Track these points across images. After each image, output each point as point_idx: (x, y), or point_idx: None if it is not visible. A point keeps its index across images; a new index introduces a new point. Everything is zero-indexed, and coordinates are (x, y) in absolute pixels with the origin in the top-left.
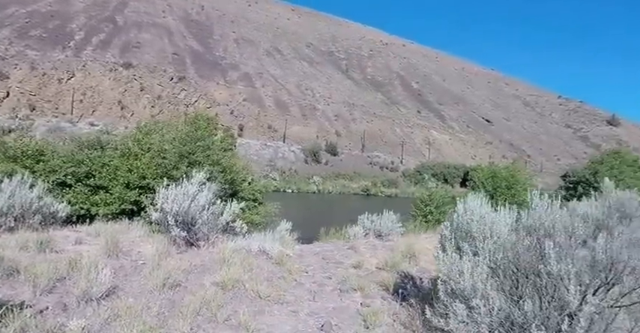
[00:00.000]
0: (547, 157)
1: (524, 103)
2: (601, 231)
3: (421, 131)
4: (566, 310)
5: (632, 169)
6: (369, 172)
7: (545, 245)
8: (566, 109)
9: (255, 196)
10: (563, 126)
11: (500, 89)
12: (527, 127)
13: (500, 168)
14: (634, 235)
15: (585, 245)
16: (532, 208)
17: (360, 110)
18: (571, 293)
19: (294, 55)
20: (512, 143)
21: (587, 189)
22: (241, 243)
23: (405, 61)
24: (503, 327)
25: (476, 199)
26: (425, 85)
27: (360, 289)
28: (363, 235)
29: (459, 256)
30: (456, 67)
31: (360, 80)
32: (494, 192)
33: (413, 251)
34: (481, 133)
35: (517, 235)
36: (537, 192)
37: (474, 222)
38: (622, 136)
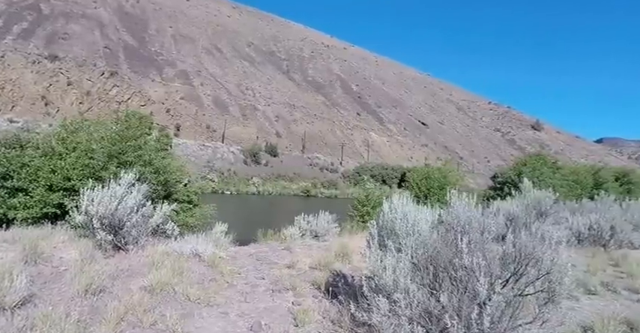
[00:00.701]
0: (478, 158)
1: (457, 107)
2: (518, 227)
3: (360, 133)
4: (477, 300)
5: (551, 171)
6: (310, 174)
7: (459, 241)
8: (495, 113)
9: (190, 197)
10: (493, 130)
11: (435, 94)
12: (460, 130)
13: (434, 169)
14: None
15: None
16: (450, 206)
17: (300, 111)
18: (481, 284)
19: (235, 53)
20: (446, 145)
21: (513, 189)
22: (173, 246)
23: (346, 63)
24: (422, 319)
25: (400, 198)
26: (364, 88)
27: (293, 288)
28: (300, 236)
29: (384, 253)
30: (395, 72)
31: (301, 81)
32: (427, 192)
33: (346, 250)
34: (417, 136)
35: (438, 231)
36: (456, 191)
37: (397, 220)
38: (544, 140)
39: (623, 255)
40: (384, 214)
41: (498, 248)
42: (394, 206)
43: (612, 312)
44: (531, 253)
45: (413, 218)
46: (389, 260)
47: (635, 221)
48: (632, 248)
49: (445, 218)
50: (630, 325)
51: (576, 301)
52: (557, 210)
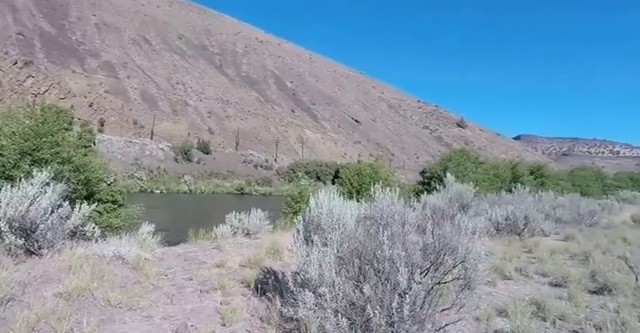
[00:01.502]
0: (408, 155)
1: (389, 105)
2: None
3: (295, 130)
4: (397, 290)
5: (474, 166)
6: (244, 171)
7: (380, 233)
8: (424, 112)
9: (115, 197)
10: (422, 127)
11: (368, 92)
12: (391, 127)
13: (366, 166)
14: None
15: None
16: (375, 200)
17: (234, 107)
18: (401, 275)
19: (164, 46)
20: (378, 142)
21: (439, 183)
22: (94, 249)
23: (280, 60)
24: (347, 311)
25: (327, 193)
26: (299, 85)
27: (222, 287)
28: (232, 235)
29: (310, 248)
30: (329, 69)
31: (234, 77)
32: (359, 188)
33: (277, 247)
34: (351, 133)
35: (363, 225)
36: (379, 186)
37: (323, 215)
38: (469, 137)
39: (536, 242)
40: (311, 209)
41: (419, 239)
42: (320, 202)
43: (523, 294)
44: (448, 243)
45: (338, 213)
46: (315, 255)
47: (546, 211)
48: (544, 236)
49: (369, 212)
50: (538, 305)
51: (493, 286)
52: (478, 202)
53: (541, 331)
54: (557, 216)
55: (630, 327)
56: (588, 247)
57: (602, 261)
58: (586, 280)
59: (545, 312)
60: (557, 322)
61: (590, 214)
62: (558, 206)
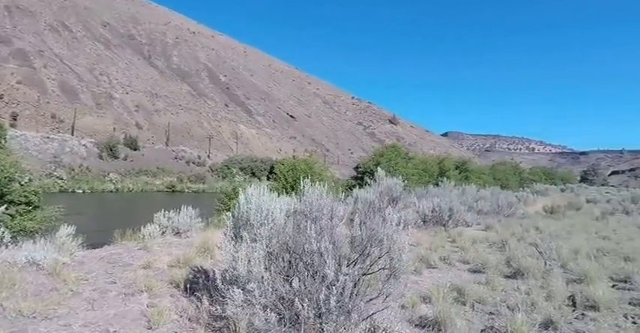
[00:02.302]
0: (343, 150)
1: (323, 101)
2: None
3: (229, 125)
4: (325, 282)
5: (404, 161)
6: (175, 168)
7: (308, 227)
8: (358, 108)
9: (29, 198)
10: (356, 123)
11: (303, 87)
12: (326, 123)
13: (300, 161)
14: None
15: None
16: (304, 195)
17: (164, 101)
18: (329, 267)
19: (86, 33)
20: (313, 138)
21: (371, 178)
22: (3, 255)
23: (213, 52)
24: (276, 305)
25: (256, 189)
26: (233, 78)
27: (148, 289)
28: (160, 234)
29: (239, 244)
30: (264, 64)
31: (164, 69)
32: (294, 183)
33: (208, 245)
34: (286, 128)
35: (293, 220)
36: (308, 181)
37: (252, 211)
38: (400, 133)
39: (459, 232)
40: (240, 205)
41: (348, 232)
42: (249, 197)
43: (446, 281)
44: (375, 235)
45: (267, 208)
46: (243, 251)
47: (469, 203)
48: (466, 226)
49: (299, 207)
50: (459, 291)
51: (419, 274)
52: (407, 195)
53: (461, 314)
54: (479, 208)
55: (538, 307)
56: (505, 235)
57: (517, 248)
58: (502, 265)
59: (466, 297)
60: (475, 305)
61: (508, 206)
62: (480, 199)
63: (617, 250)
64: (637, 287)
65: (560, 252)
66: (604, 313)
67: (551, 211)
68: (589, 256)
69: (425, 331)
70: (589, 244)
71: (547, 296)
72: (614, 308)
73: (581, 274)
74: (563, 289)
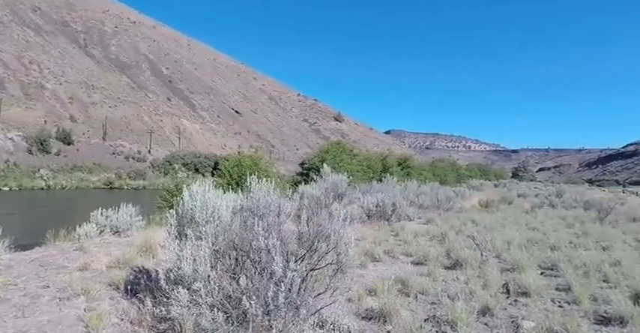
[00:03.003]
0: (288, 147)
1: (269, 97)
2: (312, 207)
3: (171, 119)
4: (273, 278)
5: (349, 157)
6: (113, 163)
7: (255, 224)
8: (304, 105)
9: None
10: (302, 120)
11: (248, 83)
12: (272, 119)
13: (245, 157)
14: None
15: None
16: (251, 191)
17: (101, 93)
18: (277, 263)
19: (14, 18)
20: (259, 134)
21: (316, 174)
22: None
23: (155, 44)
24: (223, 304)
25: (201, 185)
26: (176, 71)
27: (85, 292)
28: (98, 234)
29: (183, 243)
30: (208, 57)
31: (101, 59)
32: (239, 179)
33: (150, 244)
34: (231, 124)
35: (240, 217)
36: (255, 177)
37: (197, 208)
38: (345, 130)
39: (402, 226)
40: (184, 202)
41: (295, 228)
42: (194, 194)
43: (391, 274)
44: (322, 230)
45: (213, 205)
46: (188, 249)
47: (411, 198)
48: (409, 220)
49: (246, 203)
50: (403, 283)
51: (364, 268)
52: (352, 191)
53: (405, 305)
54: (420, 202)
55: (476, 295)
56: (445, 228)
57: (456, 240)
58: (442, 257)
59: (409, 288)
60: (418, 296)
61: (447, 200)
62: (421, 194)
63: (545, 240)
64: (562, 274)
65: (494, 243)
66: (534, 298)
67: (486, 205)
68: (520, 247)
69: (371, 323)
70: (520, 236)
71: (484, 285)
72: (543, 294)
73: (513, 263)
74: (498, 277)
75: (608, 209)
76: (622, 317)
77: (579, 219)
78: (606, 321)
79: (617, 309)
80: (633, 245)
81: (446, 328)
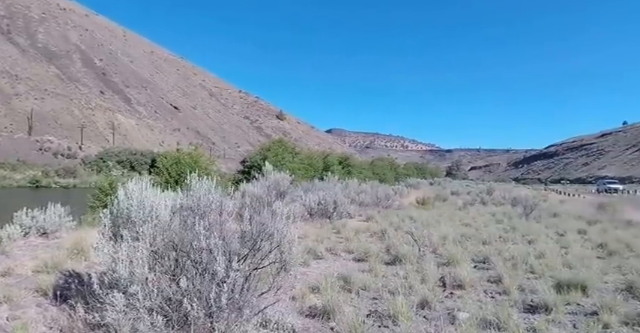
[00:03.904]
0: (229, 144)
1: (210, 93)
2: (255, 205)
3: (105, 114)
4: (216, 279)
5: (291, 155)
6: (40, 160)
7: (197, 223)
8: (245, 102)
9: None
10: (243, 117)
11: (188, 78)
12: (212, 116)
13: (185, 154)
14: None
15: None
16: (191, 190)
17: (26, 84)
18: (219, 263)
19: None
20: (199, 131)
21: (258, 172)
22: None
23: (88, 33)
24: (163, 307)
25: (138, 183)
26: (110, 63)
27: (8, 300)
28: (23, 236)
29: (119, 244)
30: (146, 50)
31: (27, 47)
32: (178, 177)
33: (82, 246)
34: (169, 120)
35: (179, 216)
36: (195, 175)
37: (133, 207)
38: (287, 129)
39: (343, 224)
40: (120, 201)
41: (238, 227)
42: (130, 193)
43: (333, 271)
44: (265, 229)
45: (151, 204)
46: (124, 251)
47: (352, 196)
48: (350, 218)
49: (186, 202)
50: (345, 280)
51: (307, 266)
52: (294, 189)
53: (348, 302)
54: (360, 200)
55: (415, 289)
56: (384, 225)
57: (395, 237)
58: (383, 253)
59: (351, 285)
60: (360, 292)
61: (386, 198)
62: (361, 192)
63: (477, 235)
64: (493, 267)
65: (431, 239)
66: (468, 290)
67: (423, 202)
68: (455, 242)
69: (315, 320)
70: (454, 231)
71: (422, 279)
72: (476, 286)
73: (449, 257)
74: (435, 272)
75: (533, 206)
76: (547, 305)
77: (507, 215)
78: (533, 309)
79: (542, 298)
80: (555, 238)
81: (387, 322)
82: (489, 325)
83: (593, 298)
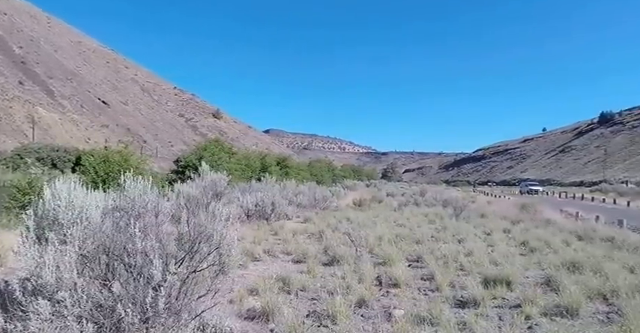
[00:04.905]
0: (162, 143)
1: (142, 88)
2: (192, 207)
3: (23, 106)
4: (152, 283)
5: (228, 155)
6: None
7: (132, 225)
8: (180, 99)
9: None
10: (177, 115)
11: (119, 71)
12: (144, 112)
13: (114, 152)
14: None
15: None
16: (125, 190)
17: None
18: (155, 267)
19: None
20: (129, 128)
21: (194, 172)
22: None
23: (6, 18)
24: (93, 314)
25: (66, 183)
26: (31, 52)
27: None
28: None
29: (44, 248)
30: (72, 39)
31: None
32: (106, 177)
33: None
34: (97, 115)
35: (111, 217)
36: (129, 174)
37: (61, 208)
38: (223, 128)
39: (281, 225)
40: (45, 202)
41: (174, 229)
42: (58, 193)
43: (272, 273)
44: (203, 231)
45: (81, 205)
46: (50, 255)
47: (289, 197)
48: (287, 219)
49: (119, 203)
50: (284, 281)
51: (245, 268)
52: (231, 190)
53: (287, 303)
54: (298, 201)
55: (352, 288)
56: (322, 226)
57: (332, 238)
58: (321, 254)
59: (290, 286)
60: (299, 293)
61: (323, 199)
62: (299, 193)
63: (411, 235)
64: (426, 265)
65: (368, 239)
66: (403, 289)
67: (359, 203)
68: (390, 242)
69: (254, 323)
70: (390, 232)
71: (359, 279)
72: (410, 284)
73: (384, 257)
74: (371, 271)
75: (462, 207)
76: (475, 300)
77: (439, 215)
78: (463, 304)
79: (471, 293)
80: (482, 237)
81: (327, 321)
82: (423, 321)
83: (517, 292)
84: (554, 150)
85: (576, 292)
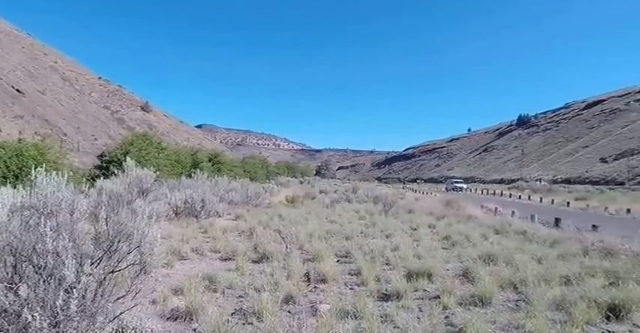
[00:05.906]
0: (84, 136)
1: (63, 77)
2: (113, 204)
3: None
4: (64, 285)
5: (157, 150)
6: None
7: (42, 224)
8: (105, 90)
9: None
10: (102, 107)
11: (36, 58)
12: (65, 103)
13: (29, 145)
14: (147, 206)
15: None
16: (37, 187)
17: None
18: (68, 268)
19: None
20: (47, 119)
21: (118, 168)
22: None
23: None
24: None
25: None
26: None
27: None
28: None
29: None
30: None
31: None
32: (19, 172)
33: None
34: (10, 105)
35: (20, 216)
36: (42, 170)
37: None
38: (153, 122)
39: (211, 223)
40: None
41: (92, 228)
42: None
43: (198, 271)
44: (123, 229)
45: None
46: None
47: (221, 194)
48: (218, 216)
49: (29, 200)
50: (211, 280)
51: (170, 267)
52: (159, 187)
53: (212, 301)
54: (230, 198)
55: (281, 285)
56: (253, 224)
57: (263, 235)
58: (250, 252)
59: (217, 284)
60: (226, 291)
61: (256, 196)
62: (231, 190)
63: (341, 231)
64: (354, 260)
65: (298, 236)
66: (331, 284)
67: (292, 200)
68: (321, 238)
69: (177, 323)
70: (321, 228)
71: (288, 275)
72: (338, 279)
73: (314, 253)
74: (300, 267)
75: (392, 203)
76: (398, 293)
77: (369, 212)
78: (387, 297)
79: (395, 286)
80: (409, 232)
81: (252, 319)
82: (347, 315)
83: (437, 284)
84: (478, 149)
85: (490, 283)
